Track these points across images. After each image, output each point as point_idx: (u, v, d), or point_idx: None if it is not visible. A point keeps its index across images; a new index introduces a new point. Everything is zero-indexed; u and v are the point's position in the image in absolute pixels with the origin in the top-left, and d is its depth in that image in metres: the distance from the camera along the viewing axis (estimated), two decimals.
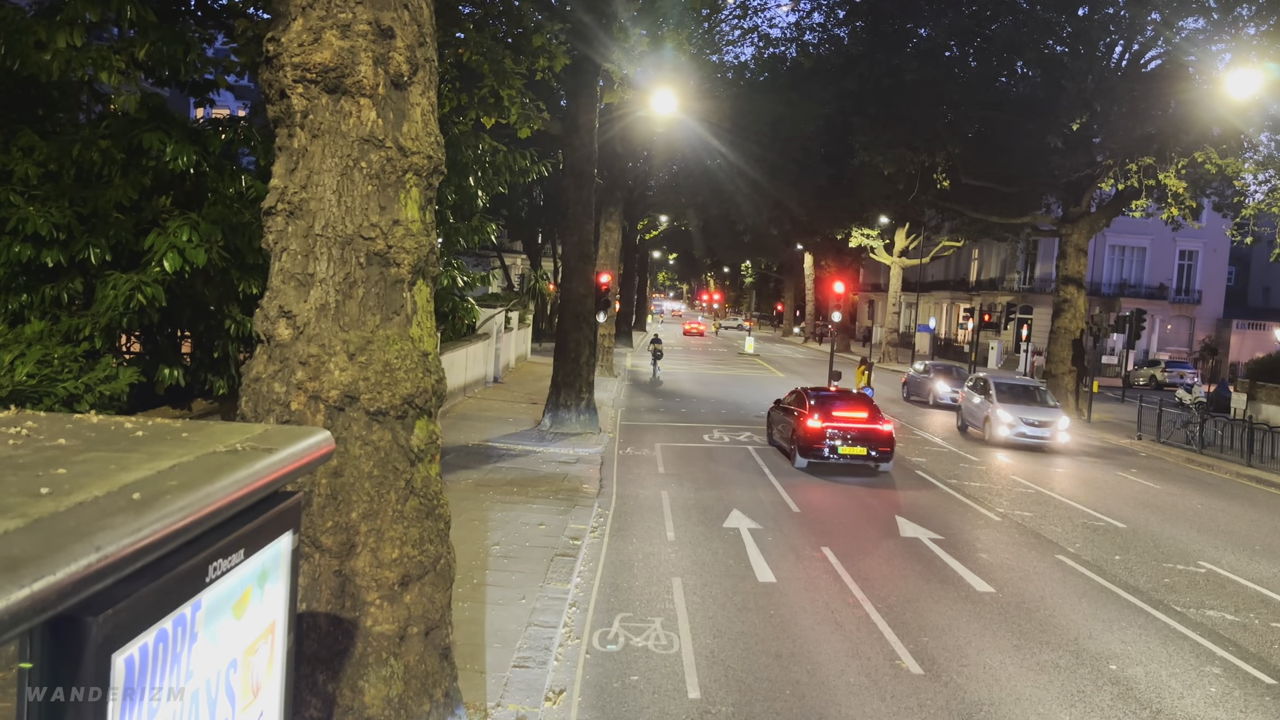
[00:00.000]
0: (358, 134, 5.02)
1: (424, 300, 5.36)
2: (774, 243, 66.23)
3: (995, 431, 22.18)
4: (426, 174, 5.27)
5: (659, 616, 9.06)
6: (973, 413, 23.96)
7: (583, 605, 9.23)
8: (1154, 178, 25.45)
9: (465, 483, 14.12)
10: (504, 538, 11.15)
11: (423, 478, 5.33)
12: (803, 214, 48.07)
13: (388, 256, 5.09)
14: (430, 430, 5.41)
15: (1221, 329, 51.86)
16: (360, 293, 5.07)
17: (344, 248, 5.03)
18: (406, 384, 5.13)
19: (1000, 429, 22.04)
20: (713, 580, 10.31)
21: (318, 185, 5.02)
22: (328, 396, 4.97)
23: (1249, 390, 28.39)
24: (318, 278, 5.02)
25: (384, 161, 5.08)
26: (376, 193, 5.08)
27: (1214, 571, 11.95)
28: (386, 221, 5.09)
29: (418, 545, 5.22)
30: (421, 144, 5.21)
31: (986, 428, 22.69)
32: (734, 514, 13.46)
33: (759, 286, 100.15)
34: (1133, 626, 9.59)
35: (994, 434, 22.24)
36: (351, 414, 5.03)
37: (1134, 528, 14.18)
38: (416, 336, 5.26)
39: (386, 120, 5.09)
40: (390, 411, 5.09)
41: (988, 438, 22.61)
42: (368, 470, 5.05)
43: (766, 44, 37.50)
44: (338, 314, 5.02)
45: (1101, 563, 11.97)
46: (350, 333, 5.03)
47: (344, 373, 4.98)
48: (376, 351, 5.06)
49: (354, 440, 5.03)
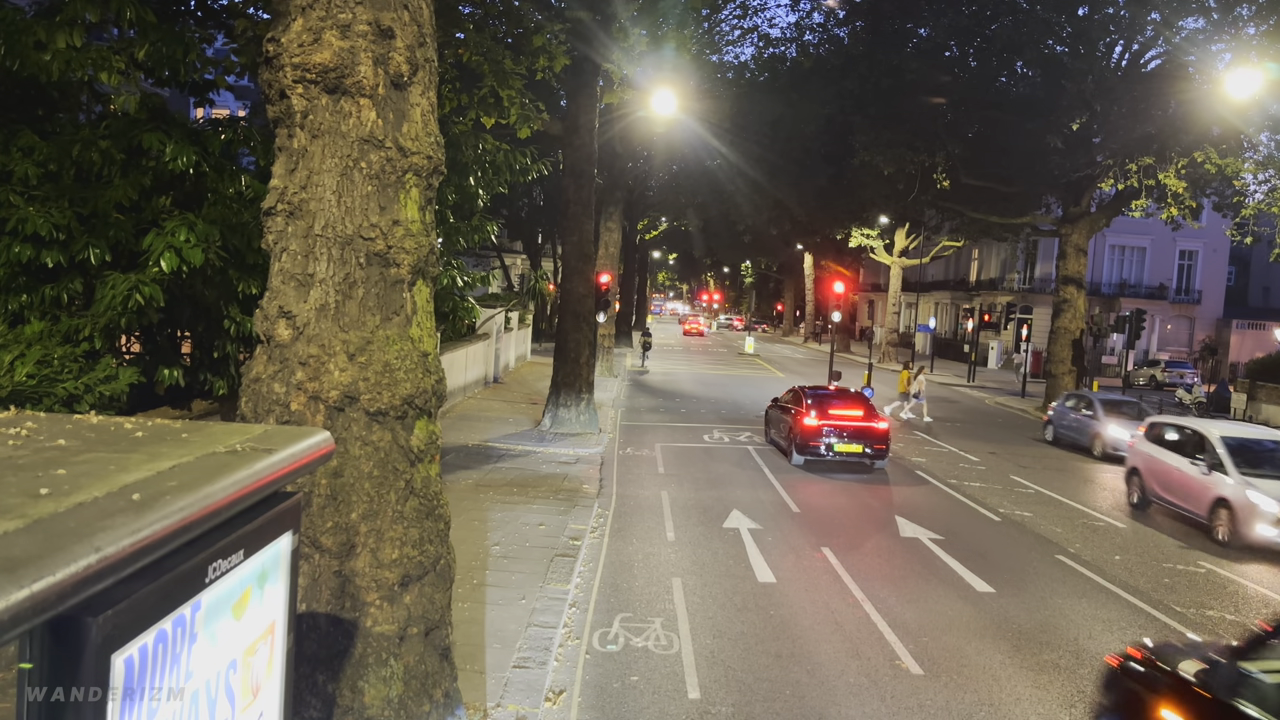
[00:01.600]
0: (358, 134, 5.02)
1: (424, 300, 5.36)
2: (774, 243, 66.21)
3: (1247, 528, 12.79)
4: (426, 174, 5.27)
5: (659, 617, 9.06)
6: (1178, 486, 14.48)
7: (583, 605, 9.23)
8: (1154, 178, 25.46)
9: (465, 483, 14.12)
10: (504, 538, 11.15)
11: (423, 478, 5.33)
12: (803, 214, 48.07)
13: (388, 257, 5.09)
14: (430, 430, 5.41)
15: (1221, 329, 51.86)
16: (360, 293, 5.07)
17: (344, 248, 5.03)
18: (406, 384, 5.13)
19: (1256, 526, 12.67)
20: (713, 580, 10.31)
21: (318, 185, 5.02)
22: (328, 397, 4.97)
23: (1249, 390, 28.41)
24: (317, 278, 5.02)
25: (384, 162, 5.08)
26: (376, 193, 5.08)
27: (1214, 571, 11.95)
28: (386, 222, 5.09)
29: (418, 546, 5.22)
30: (421, 144, 5.21)
31: (1224, 519, 13.22)
32: (734, 514, 13.46)
33: (759, 286, 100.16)
34: (1132, 627, 9.59)
35: (1243, 531, 12.83)
36: (351, 414, 5.03)
37: (1134, 528, 14.18)
38: (416, 337, 5.26)
39: (386, 120, 5.09)
40: (390, 412, 5.09)
41: (1227, 535, 13.18)
42: (367, 471, 5.05)
43: (766, 44, 37.51)
44: (337, 314, 5.02)
45: (1101, 563, 11.96)
46: (350, 333, 5.03)
47: (344, 373, 4.98)
48: (376, 352, 5.06)
49: (354, 441, 5.03)
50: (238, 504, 2.20)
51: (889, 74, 29.48)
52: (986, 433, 24.94)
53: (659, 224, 62.16)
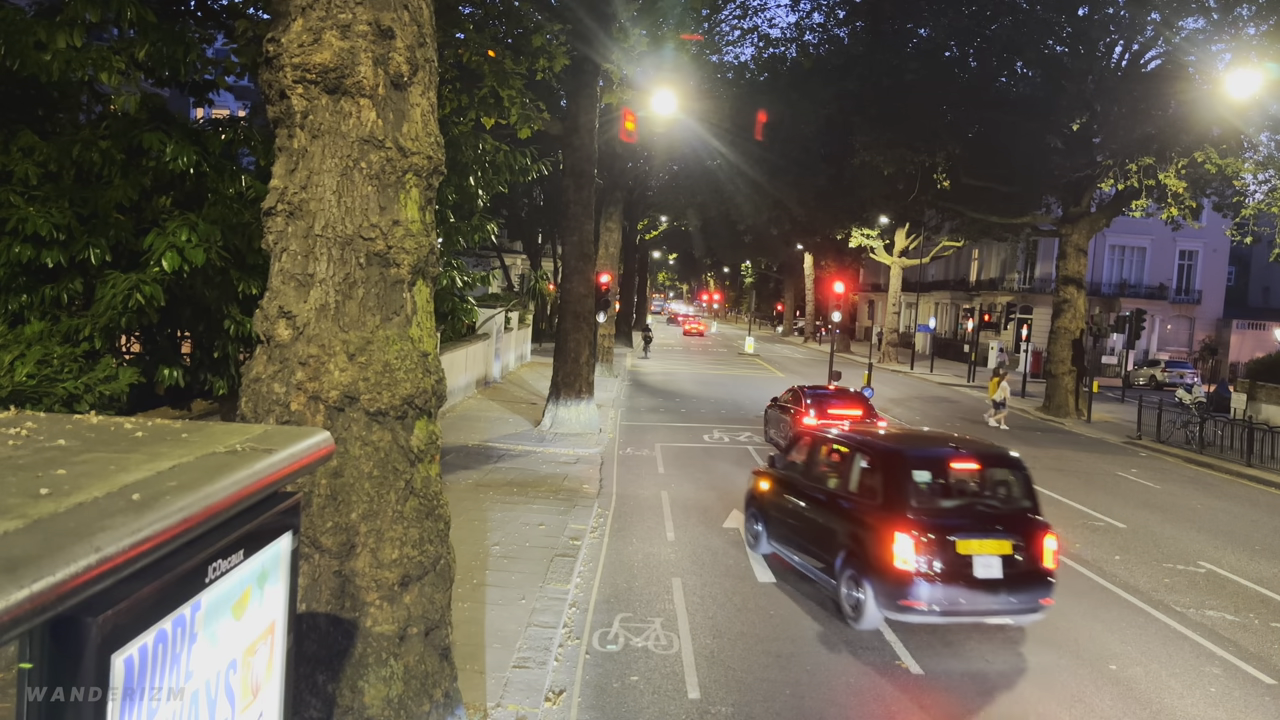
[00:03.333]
0: (358, 134, 5.02)
1: (424, 301, 5.36)
2: (774, 243, 66.20)
3: None
4: (426, 174, 5.27)
5: (659, 617, 9.06)
6: None
7: (582, 606, 9.23)
8: (1154, 178, 25.42)
9: (465, 483, 14.12)
10: (504, 538, 11.16)
11: (423, 478, 5.33)
12: (802, 214, 48.06)
13: (388, 257, 5.09)
14: (430, 431, 5.41)
15: (1221, 329, 51.86)
16: (360, 293, 5.07)
17: (344, 248, 5.03)
18: (406, 384, 5.13)
19: None
20: (712, 580, 10.31)
21: (318, 186, 5.02)
22: (328, 397, 4.97)
23: (1249, 390, 28.37)
24: (317, 278, 5.02)
25: (384, 162, 5.08)
26: (376, 193, 5.08)
27: (1214, 571, 11.95)
28: (386, 222, 5.09)
29: (417, 546, 5.22)
30: (421, 144, 5.21)
31: None
32: (734, 514, 13.46)
33: (759, 286, 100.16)
34: (1132, 627, 9.59)
35: None
36: (351, 414, 5.03)
37: (1134, 528, 14.18)
38: (416, 337, 5.26)
39: (386, 121, 5.09)
40: (390, 412, 5.09)
41: None
42: (367, 471, 5.05)
43: (766, 44, 37.48)
44: (337, 314, 5.02)
45: (1101, 563, 11.97)
46: (350, 333, 5.03)
47: (344, 373, 4.98)
48: (376, 352, 5.06)
49: (354, 441, 5.03)
50: (238, 504, 2.20)
51: (889, 74, 29.48)
52: (986, 432, 24.93)
53: (659, 224, 62.13)
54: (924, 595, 8.19)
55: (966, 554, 8.32)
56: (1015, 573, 8.41)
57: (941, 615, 8.29)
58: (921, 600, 8.20)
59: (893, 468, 8.94)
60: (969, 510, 8.90)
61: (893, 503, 8.67)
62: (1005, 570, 8.37)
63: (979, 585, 8.28)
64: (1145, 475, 19.39)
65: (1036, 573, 8.53)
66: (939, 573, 8.22)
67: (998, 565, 8.37)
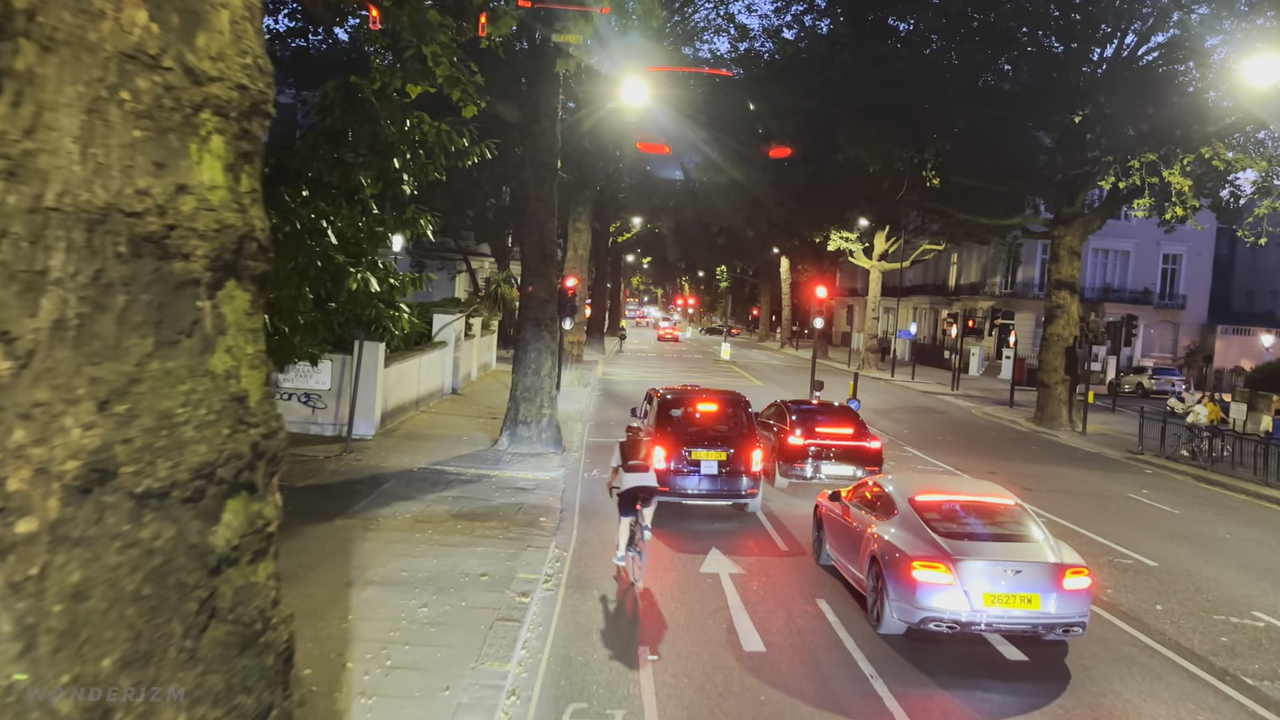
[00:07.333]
0: (116, 46, 3.10)
1: (238, 314, 3.46)
2: (750, 246, 64.55)
3: None
4: (237, 113, 3.37)
5: (621, 708, 7.17)
6: None
7: (525, 694, 7.32)
8: (1157, 174, 23.86)
9: (401, 518, 12.16)
10: (435, 596, 9.19)
11: (236, 590, 3.42)
12: (781, 215, 46.30)
13: (167, 243, 3.18)
14: (253, 512, 3.49)
15: (1206, 334, 50.73)
16: (120, 301, 3.14)
17: (93, 229, 3.10)
18: (201, 446, 3.22)
19: None
20: (689, 651, 8.43)
21: (51, 129, 3.10)
22: (63, 470, 3.03)
23: (1249, 400, 26.94)
24: (52, 276, 3.08)
25: (160, 91, 3.16)
26: (148, 141, 3.16)
27: (1274, 626, 10.22)
28: (165, 187, 3.18)
29: (223, 701, 3.31)
30: (229, 65, 3.30)
31: None
32: (713, 554, 11.63)
33: (734, 291, 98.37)
34: (1204, 709, 7.82)
35: None
36: (105, 498, 3.09)
37: (1166, 566, 12.47)
38: (222, 371, 3.35)
39: (166, 25, 3.18)
40: (172, 492, 3.17)
41: None
42: (131, 590, 3.13)
43: (743, 36, 35.83)
44: (82, 336, 3.09)
45: (1142, 615, 10.22)
46: (103, 366, 3.11)
47: (90, 432, 3.05)
48: (147, 396, 3.15)
49: (106, 541, 3.10)
50: None
51: (876, 63, 27.84)
52: (980, 448, 23.27)
53: (632, 226, 60.37)
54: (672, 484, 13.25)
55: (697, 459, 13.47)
56: (728, 472, 13.43)
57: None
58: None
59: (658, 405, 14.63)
60: (702, 433, 14.07)
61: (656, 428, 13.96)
62: (720, 469, 13.42)
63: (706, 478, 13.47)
64: (1158, 497, 17.75)
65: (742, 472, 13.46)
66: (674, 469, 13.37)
67: (715, 466, 13.42)
